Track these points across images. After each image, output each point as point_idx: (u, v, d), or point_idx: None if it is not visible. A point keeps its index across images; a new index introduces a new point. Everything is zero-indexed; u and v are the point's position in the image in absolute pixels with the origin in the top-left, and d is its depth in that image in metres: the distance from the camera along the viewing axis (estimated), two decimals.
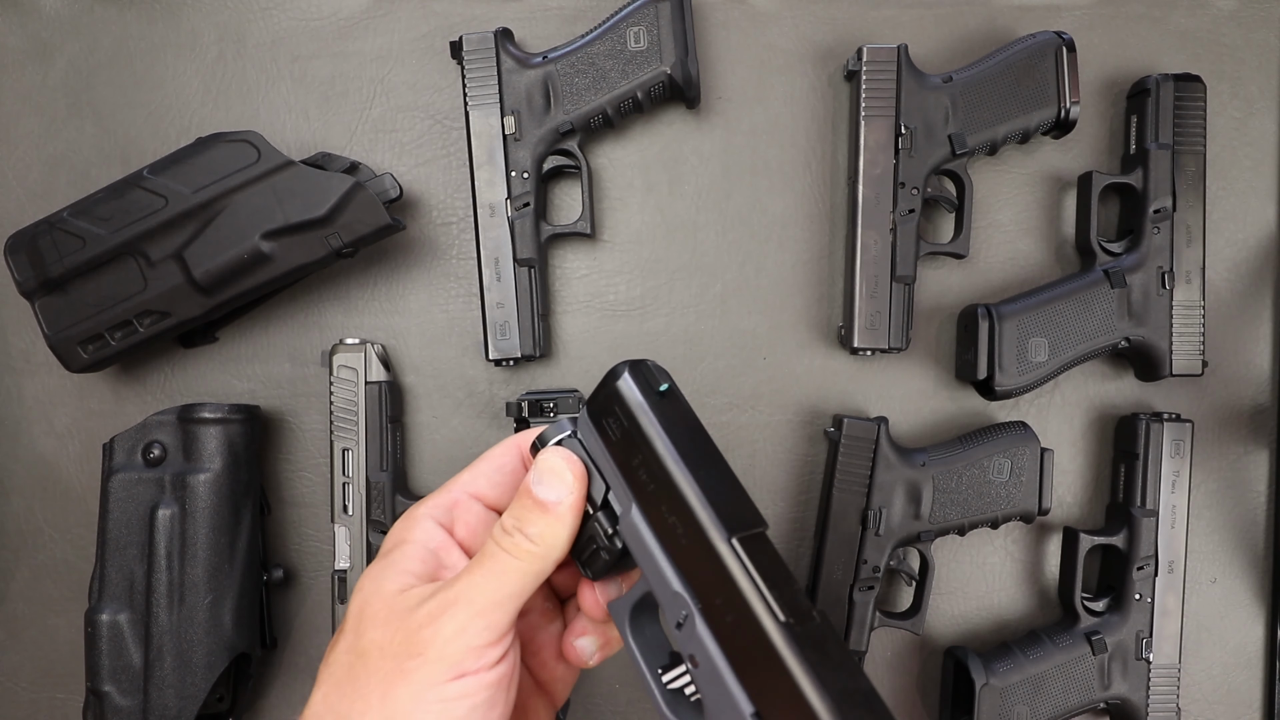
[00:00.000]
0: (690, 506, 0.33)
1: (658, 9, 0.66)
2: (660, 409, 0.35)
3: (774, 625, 0.31)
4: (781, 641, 0.30)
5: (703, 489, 0.33)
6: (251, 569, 0.65)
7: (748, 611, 0.31)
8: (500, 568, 0.37)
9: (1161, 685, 0.67)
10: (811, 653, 0.30)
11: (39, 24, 0.71)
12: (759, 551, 0.33)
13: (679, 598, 0.33)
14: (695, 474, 0.34)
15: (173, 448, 0.64)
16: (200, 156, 0.62)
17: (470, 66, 0.67)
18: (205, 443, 0.63)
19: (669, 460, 0.34)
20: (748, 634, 0.31)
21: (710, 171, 0.71)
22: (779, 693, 0.30)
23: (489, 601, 0.36)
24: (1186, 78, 0.68)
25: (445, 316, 0.71)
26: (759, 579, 0.32)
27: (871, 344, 0.67)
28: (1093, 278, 0.67)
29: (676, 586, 0.34)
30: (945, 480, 0.66)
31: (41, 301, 0.63)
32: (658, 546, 0.34)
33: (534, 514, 0.37)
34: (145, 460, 0.64)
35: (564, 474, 0.38)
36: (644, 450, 0.35)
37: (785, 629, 0.31)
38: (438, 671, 0.35)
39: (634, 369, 0.36)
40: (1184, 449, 0.68)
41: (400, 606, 0.37)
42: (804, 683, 0.29)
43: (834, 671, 0.30)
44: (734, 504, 0.34)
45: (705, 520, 0.33)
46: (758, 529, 0.33)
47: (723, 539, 0.32)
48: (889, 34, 0.71)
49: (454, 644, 0.36)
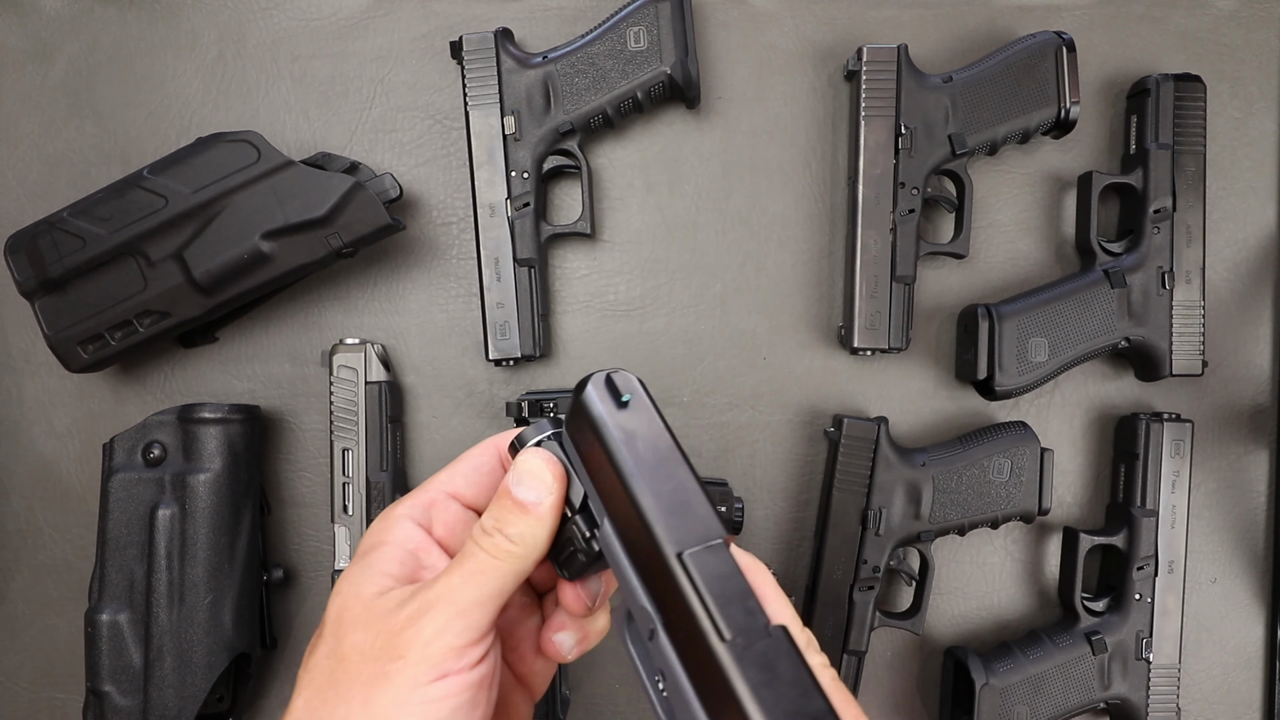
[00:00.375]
0: (644, 520, 0.33)
1: (658, 9, 0.66)
2: (620, 421, 0.34)
3: (719, 643, 0.30)
4: (726, 660, 0.30)
5: (655, 503, 0.33)
6: (251, 569, 0.65)
7: (696, 629, 0.31)
8: (480, 568, 0.37)
9: (1161, 685, 0.67)
10: (756, 672, 0.30)
11: (39, 24, 0.71)
12: (712, 565, 0.32)
13: (645, 611, 0.33)
14: (649, 487, 0.33)
15: (173, 448, 0.64)
16: (200, 156, 0.62)
17: (470, 66, 0.67)
18: (205, 443, 0.63)
19: (624, 474, 0.33)
20: (698, 651, 0.31)
21: (710, 171, 0.71)
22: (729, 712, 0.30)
23: (469, 601, 0.36)
24: (1186, 78, 0.68)
25: (445, 316, 0.71)
26: (705, 595, 0.31)
27: (871, 344, 0.67)
28: (1093, 278, 0.67)
29: (643, 600, 0.33)
30: (945, 480, 0.66)
31: (41, 301, 0.63)
32: (626, 560, 0.34)
33: (513, 514, 0.37)
34: (145, 460, 0.64)
35: (543, 475, 0.37)
36: (605, 463, 0.34)
37: (729, 647, 0.30)
38: (420, 673, 0.35)
39: (597, 381, 0.35)
40: (1184, 449, 0.68)
41: (380, 609, 0.37)
42: (746, 703, 0.29)
43: (784, 692, 0.29)
44: (687, 517, 0.33)
45: (657, 534, 0.32)
46: (712, 541, 0.33)
47: (672, 553, 0.32)
48: (889, 34, 0.71)
49: (435, 645, 0.35)
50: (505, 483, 0.38)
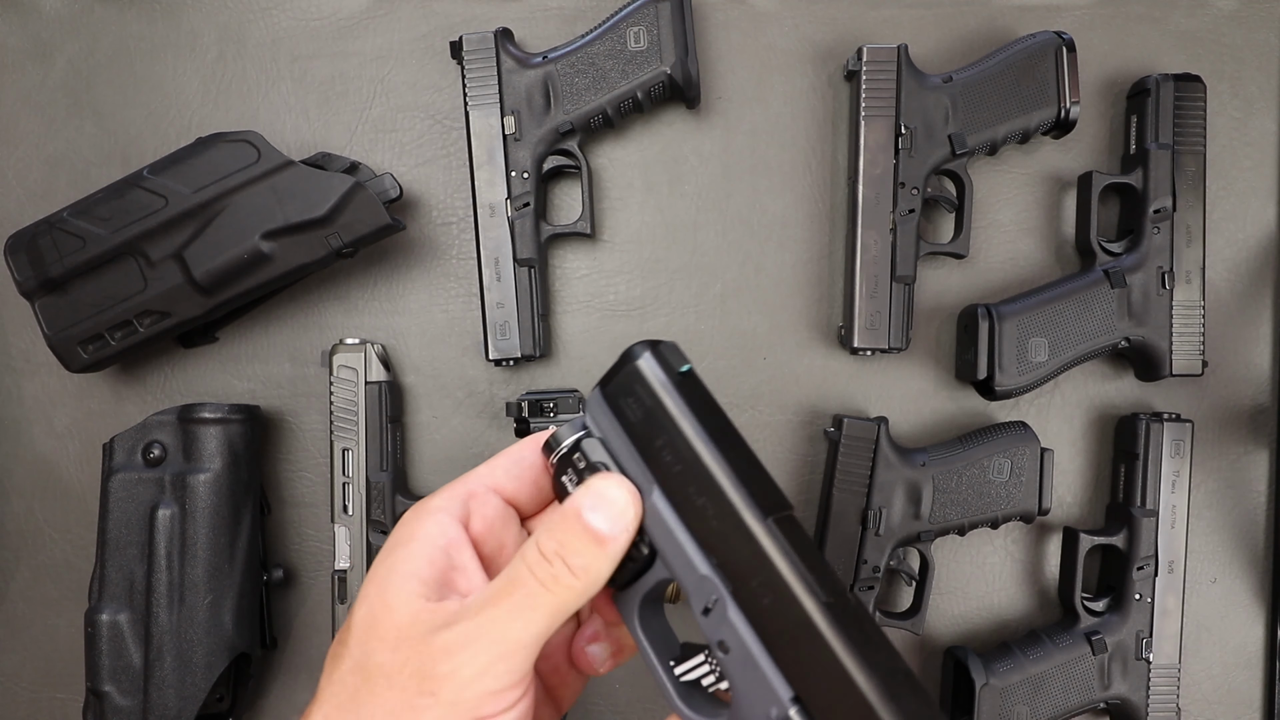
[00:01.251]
0: (721, 488, 0.32)
1: (658, 9, 0.66)
2: (683, 389, 0.34)
3: (815, 605, 0.30)
4: (824, 622, 0.30)
5: (733, 470, 0.32)
6: (251, 569, 0.65)
7: (787, 592, 0.30)
8: (532, 602, 0.33)
9: (1161, 685, 0.67)
10: (855, 632, 0.30)
11: (39, 24, 0.71)
12: (793, 532, 0.32)
13: (707, 581, 0.32)
14: (725, 455, 0.33)
15: (173, 448, 0.64)
16: (200, 156, 0.62)
17: (470, 66, 0.67)
18: (205, 443, 0.63)
19: (697, 441, 0.33)
20: (787, 615, 0.30)
21: (710, 171, 0.71)
22: (822, 674, 0.29)
23: (515, 642, 0.33)
24: (1186, 78, 0.68)
25: (445, 316, 0.71)
26: (798, 559, 0.31)
27: (871, 344, 0.67)
28: (1093, 278, 0.67)
29: (705, 570, 0.32)
30: (945, 480, 0.66)
31: (41, 301, 0.63)
32: (683, 530, 0.33)
33: (583, 543, 0.33)
34: (145, 460, 0.64)
35: (626, 507, 0.33)
36: (669, 431, 0.33)
37: (827, 609, 0.30)
38: (451, 716, 0.32)
39: (654, 349, 0.35)
40: (1184, 449, 0.68)
41: (413, 632, 0.33)
42: (849, 663, 0.29)
43: (875, 651, 0.30)
44: (764, 485, 0.33)
45: (738, 501, 0.32)
46: (788, 510, 0.33)
47: (758, 519, 0.32)
48: (889, 34, 0.71)
49: (473, 688, 0.32)
50: (575, 504, 0.34)
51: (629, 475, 0.34)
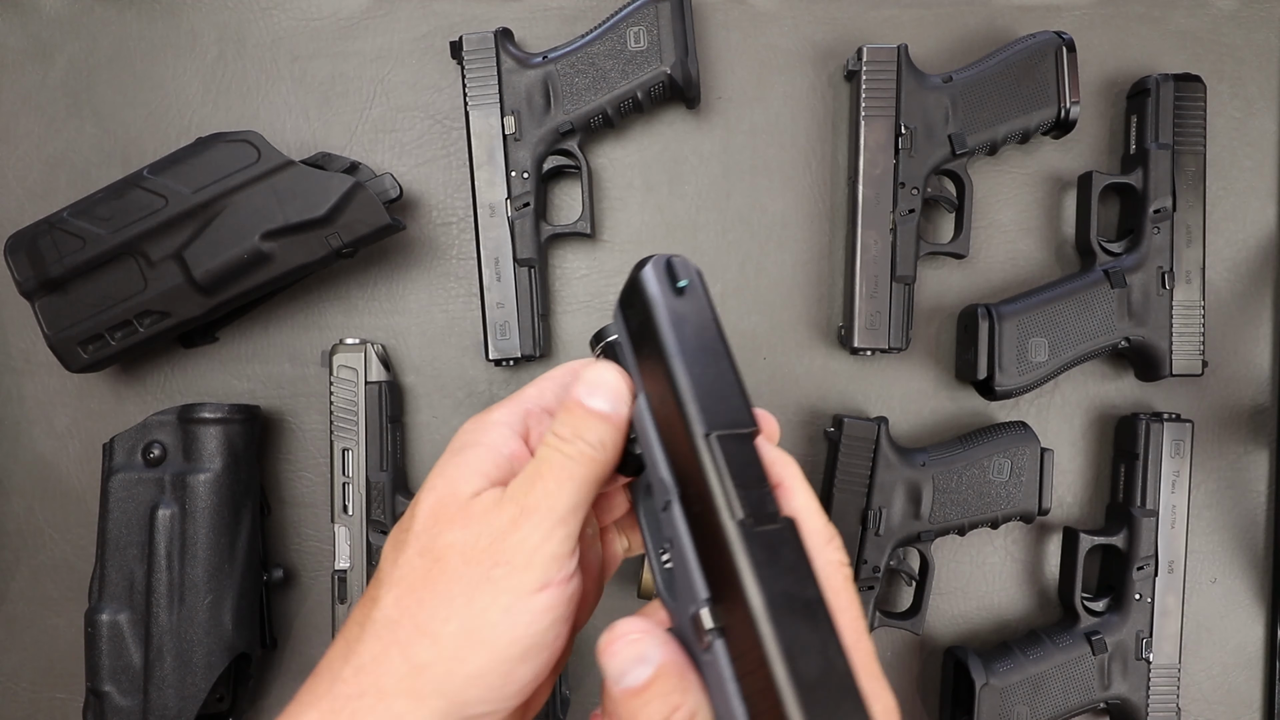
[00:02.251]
0: (680, 398, 0.34)
1: (658, 9, 0.66)
2: (673, 303, 0.35)
3: (729, 520, 0.31)
4: (734, 537, 0.31)
5: (694, 383, 0.34)
6: (251, 569, 0.65)
7: (710, 504, 0.32)
8: (569, 474, 0.36)
9: (1161, 685, 0.67)
10: (761, 553, 0.31)
11: (39, 24, 0.71)
12: (737, 451, 0.33)
13: (663, 483, 0.35)
14: (691, 369, 0.34)
15: (173, 448, 0.64)
16: (200, 156, 0.62)
17: (470, 66, 0.67)
18: (205, 443, 0.63)
19: (669, 351, 0.34)
20: (709, 525, 0.32)
21: (710, 171, 0.71)
22: (728, 585, 0.31)
23: (567, 509, 0.36)
24: (1186, 78, 0.68)
25: (445, 316, 0.71)
26: (725, 475, 0.32)
27: (871, 344, 0.67)
28: (1093, 278, 0.67)
29: (663, 473, 0.35)
30: (945, 480, 0.66)
31: (41, 301, 0.63)
32: (654, 433, 0.36)
33: (591, 422, 0.37)
34: (145, 460, 0.64)
35: (616, 384, 0.37)
36: (651, 340, 0.35)
37: (739, 525, 0.31)
38: (526, 581, 0.34)
39: (658, 263, 0.36)
40: (1184, 449, 0.68)
41: (478, 509, 0.36)
42: (746, 579, 0.30)
43: (782, 575, 0.31)
44: (722, 403, 0.34)
45: (690, 413, 0.33)
46: (743, 429, 0.34)
47: (701, 433, 0.33)
48: (889, 34, 0.71)
49: (541, 552, 0.35)
50: (575, 394, 0.37)
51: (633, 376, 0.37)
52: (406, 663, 0.34)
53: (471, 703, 0.34)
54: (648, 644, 0.33)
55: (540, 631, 0.35)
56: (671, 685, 0.32)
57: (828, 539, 0.35)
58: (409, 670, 0.34)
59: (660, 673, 0.32)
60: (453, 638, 0.34)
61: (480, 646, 0.34)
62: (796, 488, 0.36)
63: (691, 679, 0.33)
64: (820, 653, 0.29)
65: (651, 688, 0.32)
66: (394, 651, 0.35)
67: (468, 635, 0.34)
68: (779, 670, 0.29)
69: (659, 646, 0.33)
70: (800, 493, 0.36)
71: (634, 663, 0.33)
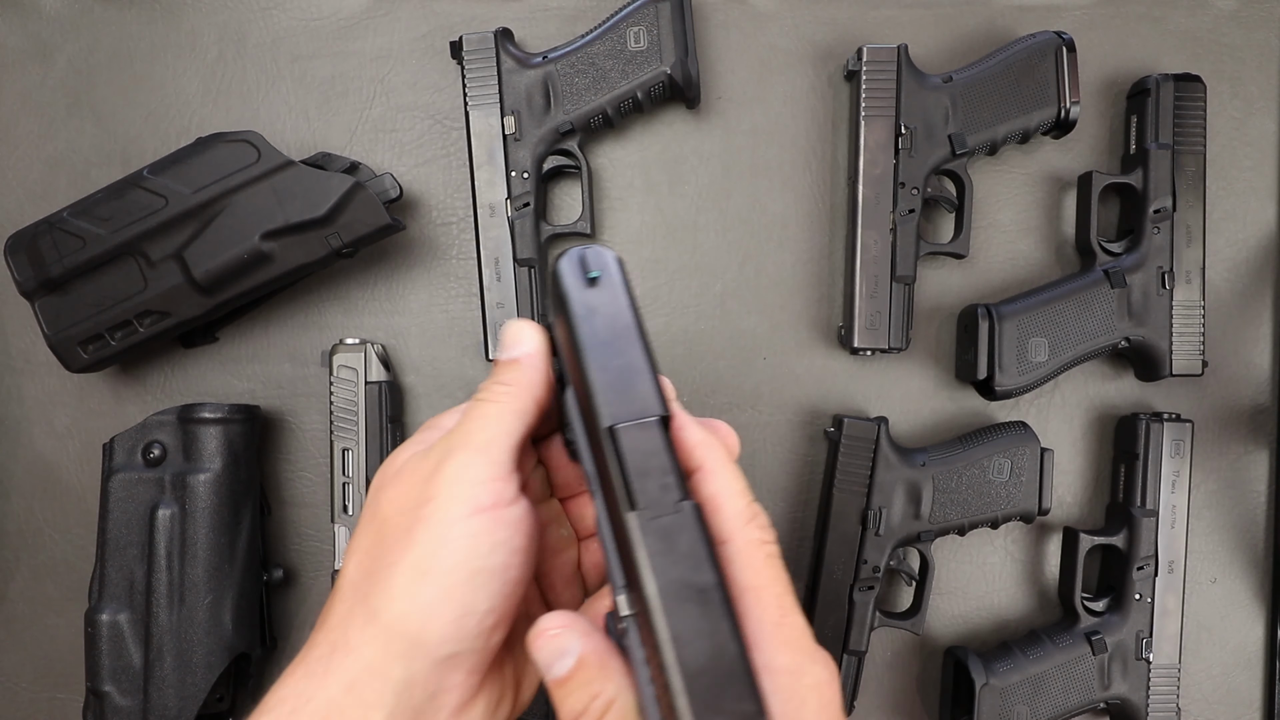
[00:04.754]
0: (589, 392, 0.35)
1: (658, 9, 0.66)
2: (585, 297, 0.36)
3: (628, 512, 0.33)
4: (633, 528, 0.32)
5: (600, 375, 0.35)
6: (251, 569, 0.65)
7: (612, 495, 0.34)
8: (484, 411, 0.39)
9: (1161, 685, 0.67)
10: (655, 542, 0.32)
11: (39, 24, 0.71)
12: (641, 441, 0.34)
13: (589, 475, 0.36)
14: (598, 360, 0.35)
15: (173, 448, 0.64)
16: (200, 156, 0.62)
17: (470, 66, 0.67)
18: (205, 443, 0.63)
19: (579, 347, 0.35)
20: (616, 518, 0.34)
21: (710, 171, 0.71)
22: (632, 574, 0.32)
23: (485, 440, 0.38)
24: (1186, 78, 0.68)
25: (445, 316, 0.71)
26: (626, 467, 0.33)
27: (871, 344, 0.67)
28: (1093, 278, 0.67)
29: (586, 464, 0.36)
30: (945, 480, 0.66)
31: (41, 301, 0.63)
32: (580, 425, 0.36)
33: (507, 367, 0.40)
34: (145, 460, 0.64)
35: (523, 331, 0.41)
36: (567, 333, 0.36)
37: (637, 516, 0.32)
38: (453, 508, 0.36)
39: (570, 256, 0.37)
40: (1184, 449, 0.68)
41: (409, 467, 0.39)
42: (642, 568, 0.32)
43: (676, 563, 0.32)
44: (627, 393, 0.35)
45: (597, 405, 0.34)
46: (645, 418, 0.34)
47: (604, 425, 0.34)
48: (889, 34, 0.71)
49: (462, 479, 0.37)
50: (497, 356, 0.41)
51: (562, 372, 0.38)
52: (367, 614, 0.36)
53: (435, 641, 0.35)
54: (568, 638, 0.35)
55: (482, 555, 0.36)
56: (591, 675, 0.34)
57: (748, 519, 0.36)
58: (369, 619, 0.36)
59: (580, 664, 0.34)
60: (402, 578, 0.36)
61: (425, 579, 0.36)
62: (717, 469, 0.37)
63: (614, 667, 0.34)
64: (709, 639, 0.30)
65: (574, 678, 0.34)
66: (356, 609, 0.37)
67: (414, 572, 0.36)
68: (667, 656, 0.30)
69: (579, 638, 0.35)
70: (720, 475, 0.36)
71: (557, 655, 0.35)
